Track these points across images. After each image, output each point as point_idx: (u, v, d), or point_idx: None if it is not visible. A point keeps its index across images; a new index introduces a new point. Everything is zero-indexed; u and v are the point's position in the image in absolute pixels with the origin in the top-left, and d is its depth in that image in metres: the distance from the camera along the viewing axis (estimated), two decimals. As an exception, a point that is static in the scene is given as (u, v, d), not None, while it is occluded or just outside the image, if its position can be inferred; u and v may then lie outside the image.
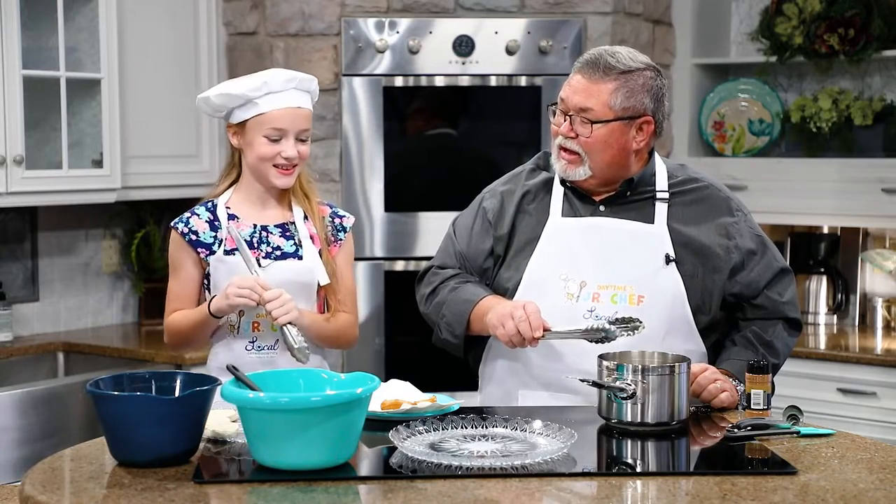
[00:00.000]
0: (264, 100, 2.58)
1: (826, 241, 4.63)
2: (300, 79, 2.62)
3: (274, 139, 2.59)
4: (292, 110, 2.60)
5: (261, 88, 2.58)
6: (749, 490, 1.85)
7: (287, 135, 2.60)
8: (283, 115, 2.59)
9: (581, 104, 2.49)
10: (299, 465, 1.90)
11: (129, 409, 1.93)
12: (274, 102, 2.59)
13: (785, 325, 2.62)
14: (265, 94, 2.58)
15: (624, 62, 2.49)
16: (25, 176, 3.72)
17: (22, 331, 4.14)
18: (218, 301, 2.55)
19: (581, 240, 2.55)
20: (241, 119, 2.61)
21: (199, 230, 2.63)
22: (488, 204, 2.68)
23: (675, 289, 2.51)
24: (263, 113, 2.59)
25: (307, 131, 2.64)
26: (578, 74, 2.52)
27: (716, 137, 4.76)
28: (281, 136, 2.59)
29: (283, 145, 2.60)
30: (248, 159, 2.64)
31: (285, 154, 2.59)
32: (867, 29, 4.37)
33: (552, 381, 2.52)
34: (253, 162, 2.63)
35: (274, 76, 2.60)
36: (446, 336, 2.63)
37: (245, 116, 2.60)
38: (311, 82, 2.66)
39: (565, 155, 2.54)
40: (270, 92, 2.58)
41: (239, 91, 2.58)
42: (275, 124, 2.59)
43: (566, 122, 2.52)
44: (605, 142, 2.50)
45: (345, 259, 2.73)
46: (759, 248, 2.59)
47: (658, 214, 2.55)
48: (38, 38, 3.84)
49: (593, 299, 2.50)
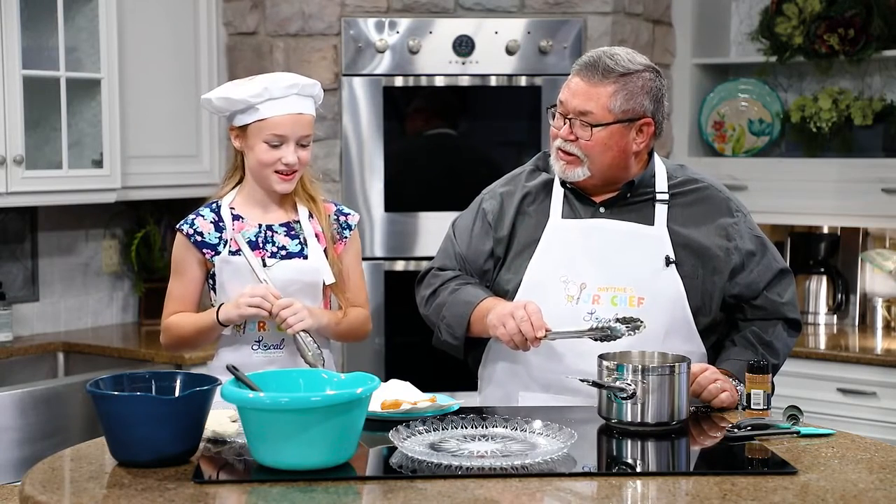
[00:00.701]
0: (265, 105, 2.58)
1: (826, 241, 4.63)
2: (302, 84, 2.61)
3: (274, 145, 2.59)
4: (293, 116, 2.60)
5: (262, 94, 2.57)
6: (749, 490, 1.85)
7: (288, 141, 2.59)
8: (284, 121, 2.59)
9: (580, 107, 2.48)
10: (299, 465, 1.90)
11: (129, 409, 1.93)
12: (275, 108, 2.58)
13: (784, 326, 2.62)
14: (266, 100, 2.57)
15: (623, 64, 2.48)
16: (25, 176, 3.72)
17: (22, 331, 4.14)
18: (228, 310, 2.56)
19: (581, 241, 2.55)
20: (242, 123, 2.61)
21: (205, 231, 2.64)
22: (488, 205, 2.68)
23: (675, 290, 2.51)
24: (264, 119, 2.58)
25: (308, 137, 2.63)
26: (577, 77, 2.51)
27: (716, 137, 4.76)
28: (281, 142, 2.59)
29: (283, 151, 2.59)
30: (249, 163, 2.65)
31: (286, 160, 2.59)
32: (867, 29, 4.37)
33: (552, 382, 2.52)
34: (254, 166, 2.63)
35: (275, 82, 2.59)
36: (447, 338, 2.63)
37: (246, 121, 2.60)
38: (314, 87, 2.65)
39: (564, 156, 2.54)
40: (271, 98, 2.58)
41: (240, 96, 2.58)
42: (275, 130, 2.58)
43: (566, 125, 2.52)
44: (604, 144, 2.49)
45: (353, 256, 2.74)
46: (759, 249, 2.59)
47: (658, 216, 2.55)
48: (38, 38, 3.84)
49: (593, 301, 2.50)
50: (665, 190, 2.58)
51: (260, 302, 2.53)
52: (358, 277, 2.75)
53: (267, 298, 2.53)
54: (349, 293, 2.69)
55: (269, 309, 2.53)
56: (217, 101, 2.61)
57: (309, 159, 2.65)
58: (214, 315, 2.58)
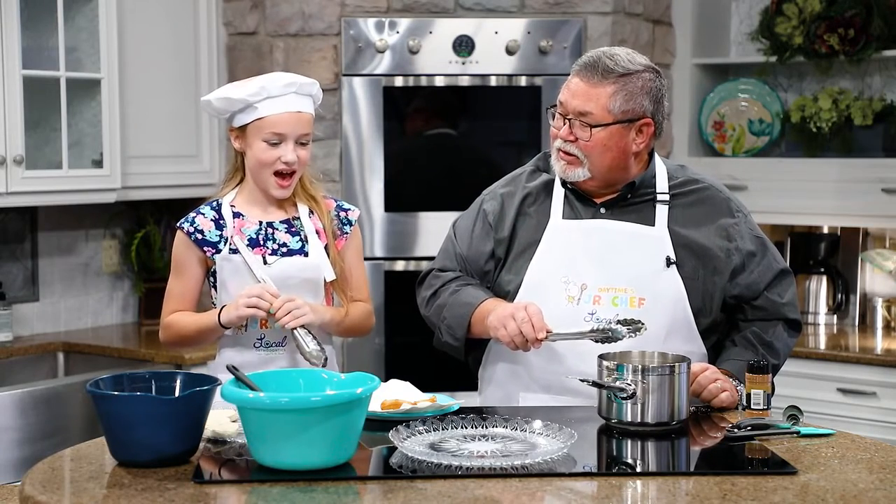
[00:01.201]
0: (263, 104, 2.58)
1: (826, 241, 4.63)
2: (300, 83, 2.62)
3: (273, 143, 2.59)
4: (292, 115, 2.60)
5: (259, 93, 2.58)
6: (749, 490, 1.85)
7: (286, 139, 2.59)
8: (282, 119, 2.59)
9: (580, 108, 2.48)
10: (299, 465, 1.90)
11: (129, 409, 1.93)
12: (273, 107, 2.58)
13: (785, 326, 2.62)
14: (264, 99, 2.58)
15: (622, 64, 2.48)
16: (25, 176, 3.72)
17: (22, 331, 4.14)
18: (228, 312, 2.56)
19: (582, 242, 2.54)
20: (241, 123, 2.62)
21: (205, 229, 2.64)
22: (489, 206, 2.67)
23: (675, 291, 2.51)
24: (262, 117, 2.59)
25: (307, 136, 2.63)
26: (577, 77, 2.51)
27: (716, 137, 4.76)
28: (280, 141, 2.59)
29: (282, 150, 2.59)
30: (249, 164, 2.65)
31: (285, 158, 2.59)
32: (867, 29, 4.37)
33: (553, 383, 2.52)
34: (253, 167, 2.63)
35: (273, 81, 2.59)
36: (447, 339, 2.63)
37: (245, 120, 2.61)
38: (312, 86, 2.65)
39: (564, 157, 2.54)
40: (269, 96, 2.58)
41: (238, 95, 2.58)
42: (274, 129, 2.59)
43: (565, 125, 2.51)
44: (604, 145, 2.49)
45: (354, 251, 2.74)
46: (759, 250, 2.59)
47: (659, 216, 2.55)
48: (38, 38, 3.84)
49: (594, 302, 2.50)
50: (666, 190, 2.58)
51: (256, 301, 2.53)
52: (360, 272, 2.76)
53: (263, 297, 2.53)
54: (352, 288, 2.69)
55: (266, 308, 2.53)
56: (216, 101, 2.62)
57: (308, 159, 2.65)
58: (216, 317, 2.58)
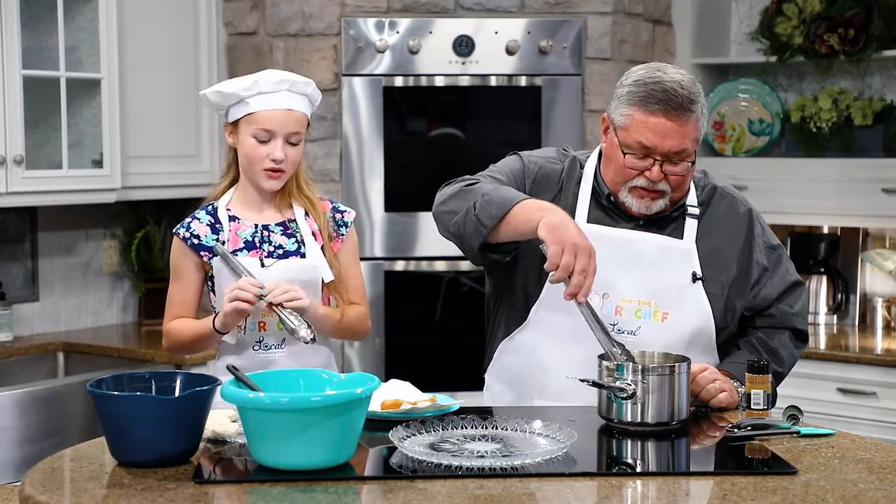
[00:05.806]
0: (254, 99, 2.58)
1: (826, 241, 4.63)
2: (293, 81, 2.61)
3: (262, 140, 2.58)
4: (282, 112, 2.59)
5: (251, 88, 2.57)
6: (749, 490, 1.85)
7: (275, 136, 2.58)
8: (272, 116, 2.58)
9: (675, 148, 2.39)
10: (299, 465, 1.89)
11: (129, 409, 1.93)
12: (263, 103, 2.58)
13: (792, 336, 2.61)
14: (255, 94, 2.58)
15: (689, 87, 2.40)
16: (25, 176, 3.72)
17: (22, 331, 4.14)
18: (219, 316, 2.55)
19: (611, 251, 2.45)
20: (234, 118, 2.62)
21: (201, 234, 2.63)
22: (534, 166, 2.56)
23: (700, 308, 2.48)
24: (252, 112, 2.58)
25: (298, 134, 2.61)
26: (662, 118, 2.38)
27: (716, 137, 4.76)
28: (269, 138, 2.58)
29: (270, 147, 2.58)
30: (239, 159, 2.65)
31: (273, 156, 2.58)
32: (867, 29, 4.37)
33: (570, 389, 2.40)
34: (243, 162, 2.63)
35: (265, 76, 2.59)
36: (477, 215, 2.37)
37: (237, 115, 2.61)
38: (307, 86, 2.64)
39: (649, 193, 2.45)
40: (261, 92, 2.58)
41: (231, 90, 2.59)
42: (263, 125, 2.58)
43: (655, 165, 2.41)
44: (691, 173, 2.47)
45: (350, 253, 2.72)
46: (774, 263, 2.58)
47: (688, 230, 2.51)
48: (38, 38, 3.84)
49: (616, 312, 2.45)
50: (695, 203, 2.54)
51: (237, 293, 2.48)
52: (356, 275, 2.73)
53: (244, 288, 2.48)
54: (348, 290, 2.69)
55: (247, 298, 2.47)
56: (210, 95, 2.63)
57: (298, 159, 2.63)
58: (211, 323, 2.57)
